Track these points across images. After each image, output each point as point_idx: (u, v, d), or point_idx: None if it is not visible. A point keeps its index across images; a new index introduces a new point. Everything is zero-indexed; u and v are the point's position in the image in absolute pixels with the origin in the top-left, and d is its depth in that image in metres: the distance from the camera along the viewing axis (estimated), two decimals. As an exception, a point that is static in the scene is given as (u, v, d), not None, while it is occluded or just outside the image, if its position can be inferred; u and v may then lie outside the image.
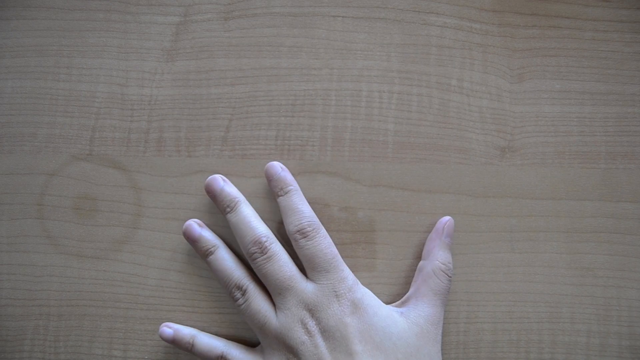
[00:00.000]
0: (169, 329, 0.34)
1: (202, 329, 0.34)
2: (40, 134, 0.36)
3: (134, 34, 0.36)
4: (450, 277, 0.33)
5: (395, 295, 0.35)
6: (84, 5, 0.36)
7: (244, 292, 0.33)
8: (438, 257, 0.33)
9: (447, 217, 0.34)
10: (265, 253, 0.32)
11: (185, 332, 0.34)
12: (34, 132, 0.36)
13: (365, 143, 0.36)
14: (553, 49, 0.36)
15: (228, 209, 0.34)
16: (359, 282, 0.33)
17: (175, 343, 0.33)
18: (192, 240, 0.34)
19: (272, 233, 0.33)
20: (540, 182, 0.35)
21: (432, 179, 0.35)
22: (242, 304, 0.33)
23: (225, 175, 0.35)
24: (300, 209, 0.33)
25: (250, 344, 0.34)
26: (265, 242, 0.32)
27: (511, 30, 0.36)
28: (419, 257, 0.35)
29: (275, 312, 0.32)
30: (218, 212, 0.35)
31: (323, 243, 0.32)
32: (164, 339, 0.34)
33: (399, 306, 0.34)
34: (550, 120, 0.36)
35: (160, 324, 0.35)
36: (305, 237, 0.32)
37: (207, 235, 0.34)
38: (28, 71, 0.36)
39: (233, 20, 0.36)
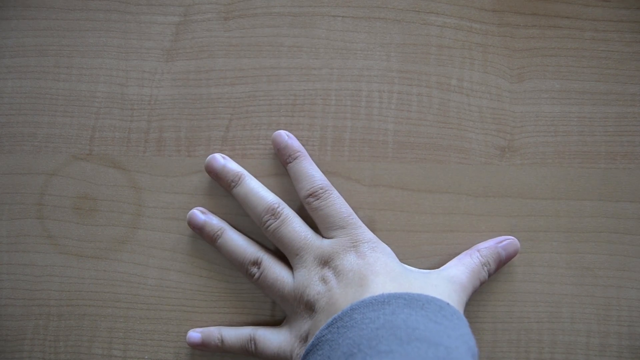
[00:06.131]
0: (196, 332, 0.33)
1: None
2: (40, 134, 0.36)
3: (134, 34, 0.36)
4: (484, 263, 0.33)
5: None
6: (84, 5, 0.36)
7: (259, 265, 0.32)
8: (481, 246, 0.34)
9: (513, 238, 0.34)
10: (279, 217, 0.32)
11: (213, 330, 0.33)
12: (34, 132, 0.36)
13: (365, 143, 0.36)
14: (553, 49, 0.36)
15: (233, 184, 0.34)
16: (379, 240, 0.33)
17: (204, 345, 0.33)
18: (197, 228, 0.34)
19: (281, 200, 0.33)
20: (540, 182, 0.35)
21: (432, 179, 0.35)
22: (259, 276, 0.32)
23: (225, 175, 0.35)
24: (311, 173, 0.33)
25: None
26: (277, 207, 0.33)
27: (511, 30, 0.36)
28: (419, 257, 0.35)
29: (293, 274, 0.32)
30: (219, 209, 0.35)
31: (336, 202, 0.33)
32: (193, 344, 0.33)
33: None
34: (550, 120, 0.36)
35: (160, 324, 0.35)
36: (317, 198, 0.32)
37: (211, 219, 0.34)
38: (28, 71, 0.36)
39: (233, 20, 0.36)
